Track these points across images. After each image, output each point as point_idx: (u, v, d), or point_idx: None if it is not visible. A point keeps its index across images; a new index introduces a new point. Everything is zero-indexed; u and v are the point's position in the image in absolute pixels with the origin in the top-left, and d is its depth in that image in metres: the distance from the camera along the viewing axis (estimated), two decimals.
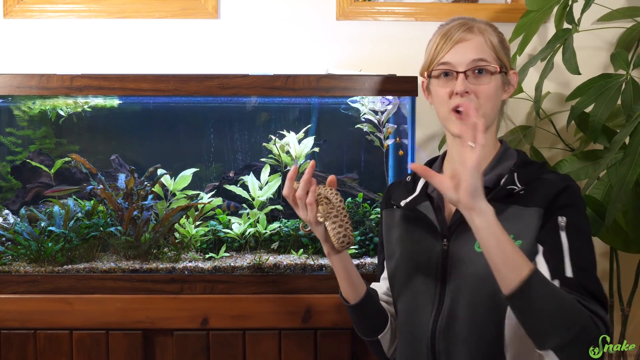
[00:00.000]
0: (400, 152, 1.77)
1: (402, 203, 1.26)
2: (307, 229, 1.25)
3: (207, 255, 1.67)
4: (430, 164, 1.31)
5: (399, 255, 1.25)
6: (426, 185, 1.26)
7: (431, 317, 1.14)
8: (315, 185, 1.17)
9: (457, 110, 1.15)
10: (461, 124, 1.11)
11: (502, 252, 0.97)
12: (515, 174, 1.14)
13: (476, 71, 1.14)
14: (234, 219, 1.73)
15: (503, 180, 1.15)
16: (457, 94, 1.14)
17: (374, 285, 1.34)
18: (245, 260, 1.64)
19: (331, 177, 1.23)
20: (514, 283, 0.96)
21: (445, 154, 1.28)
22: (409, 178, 1.32)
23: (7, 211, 1.73)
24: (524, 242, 1.09)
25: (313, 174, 1.17)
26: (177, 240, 1.67)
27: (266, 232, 1.71)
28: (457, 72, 1.14)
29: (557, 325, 0.96)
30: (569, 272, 1.05)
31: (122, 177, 1.71)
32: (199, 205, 1.72)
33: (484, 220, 0.98)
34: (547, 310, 0.96)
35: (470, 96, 1.14)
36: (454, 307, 1.12)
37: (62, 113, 1.78)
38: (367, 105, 1.75)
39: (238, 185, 1.78)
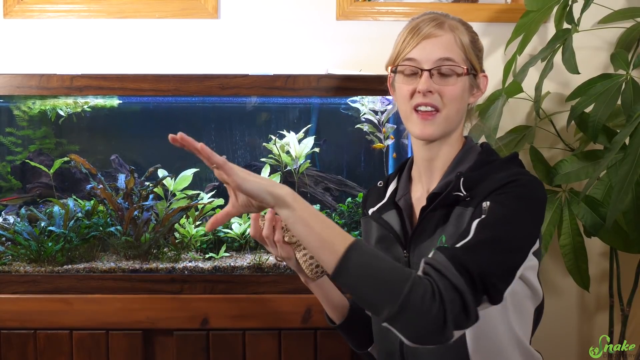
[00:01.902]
0: (394, 155, 1.77)
1: (370, 211, 1.24)
2: (280, 260, 1.22)
3: (207, 255, 1.67)
4: (403, 165, 1.27)
5: None
6: (394, 192, 1.22)
7: None
8: (280, 221, 1.13)
9: (418, 110, 1.11)
10: (422, 125, 1.10)
11: (315, 237, 0.93)
12: (462, 180, 1.09)
13: (442, 70, 1.09)
14: (233, 219, 1.73)
15: (450, 186, 1.09)
16: (420, 93, 1.09)
17: None
18: (245, 260, 1.64)
19: None
20: (332, 264, 0.93)
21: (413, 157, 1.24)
22: (380, 183, 1.28)
23: (6, 211, 1.73)
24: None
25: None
26: (177, 240, 1.67)
27: None
28: (422, 70, 1.09)
29: (382, 297, 0.91)
30: (455, 246, 0.98)
31: (122, 177, 1.71)
32: (199, 206, 1.72)
33: (285, 210, 0.94)
34: (369, 284, 0.91)
35: (434, 95, 1.09)
36: None
37: (62, 113, 1.78)
38: (367, 105, 1.75)
39: None
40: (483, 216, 1.01)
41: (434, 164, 1.17)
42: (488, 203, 1.02)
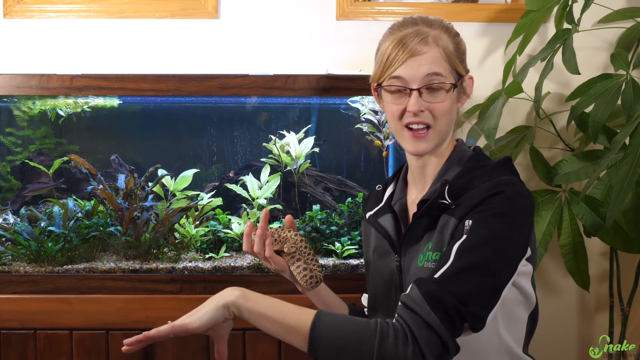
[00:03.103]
0: (384, 154, 1.78)
1: (367, 215, 1.25)
2: (274, 272, 1.23)
3: (207, 256, 1.67)
4: (400, 169, 1.27)
5: (371, 269, 1.24)
6: (391, 196, 1.23)
7: None
8: (271, 237, 1.15)
9: (410, 127, 1.10)
10: (415, 143, 1.10)
11: (278, 327, 0.99)
12: (447, 187, 1.08)
13: (429, 87, 1.08)
14: (234, 219, 1.73)
15: (435, 195, 1.09)
16: (410, 112, 1.08)
17: (363, 297, 1.34)
18: (245, 260, 1.64)
19: (288, 218, 1.21)
20: (304, 345, 0.97)
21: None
22: (379, 187, 1.29)
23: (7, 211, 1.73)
24: (442, 252, 1.05)
25: (270, 217, 1.15)
26: (177, 241, 1.67)
27: None
28: (411, 90, 1.08)
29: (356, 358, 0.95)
30: (434, 277, 0.98)
31: (122, 177, 1.71)
32: (199, 206, 1.73)
33: (244, 312, 0.99)
34: (342, 353, 0.95)
35: (425, 113, 1.08)
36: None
37: (62, 113, 1.78)
38: (367, 105, 1.75)
39: (238, 185, 1.78)
40: (464, 237, 1.00)
41: (426, 170, 1.17)
42: (470, 222, 1.01)
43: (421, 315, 0.94)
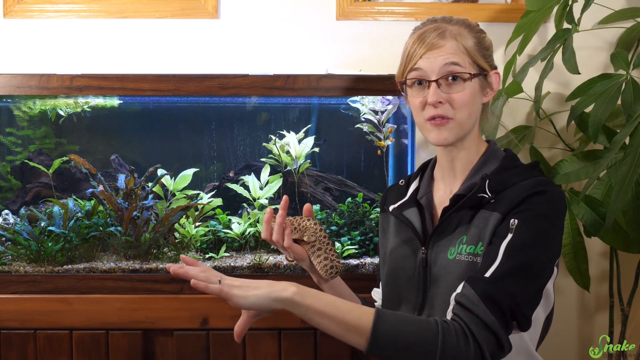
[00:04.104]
0: (379, 152, 1.78)
1: (391, 208, 1.25)
2: (291, 260, 1.24)
3: (207, 255, 1.67)
4: (425, 166, 1.29)
5: (389, 262, 1.24)
6: (416, 190, 1.24)
7: None
8: (290, 227, 1.16)
9: (433, 119, 1.12)
10: (437, 132, 1.11)
11: (337, 325, 0.98)
12: (487, 181, 1.11)
13: (450, 78, 1.10)
14: (234, 219, 1.73)
15: (475, 188, 1.11)
16: (430, 105, 1.11)
17: (374, 292, 1.34)
18: (245, 260, 1.64)
19: (307, 207, 1.22)
20: (363, 344, 0.97)
21: (436, 158, 1.26)
22: (402, 182, 1.30)
23: (6, 211, 1.73)
24: (484, 245, 1.07)
25: (287, 210, 1.16)
26: (177, 240, 1.67)
27: None
28: (429, 81, 1.10)
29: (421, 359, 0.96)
30: (485, 276, 1.01)
31: (122, 177, 1.71)
32: (198, 205, 1.72)
33: (297, 309, 0.99)
34: (404, 353, 0.96)
35: (445, 106, 1.11)
36: (431, 317, 1.09)
37: (62, 113, 1.78)
38: (367, 105, 1.75)
39: (239, 185, 1.78)
40: (510, 236, 1.03)
41: (456, 165, 1.19)
42: (515, 221, 1.04)
43: (479, 315, 0.97)
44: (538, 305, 1.05)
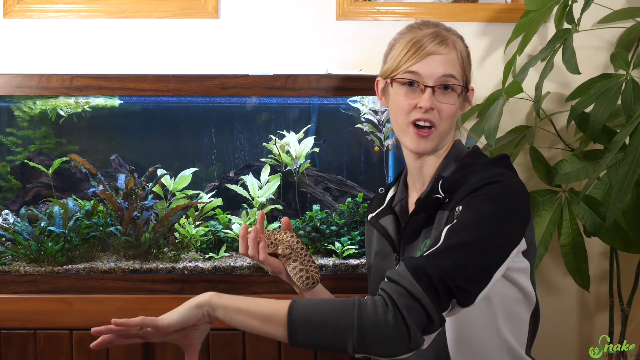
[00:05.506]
0: (376, 149, 1.78)
1: (369, 217, 1.27)
2: (271, 273, 1.24)
3: (207, 255, 1.67)
4: (400, 174, 1.29)
5: (372, 271, 1.26)
6: (392, 198, 1.25)
7: None
8: (264, 241, 1.17)
9: (416, 125, 1.11)
10: (417, 141, 1.11)
11: (255, 319, 0.97)
12: (440, 182, 1.10)
13: (442, 87, 1.10)
14: (234, 219, 1.73)
15: (428, 189, 1.12)
16: (422, 109, 1.10)
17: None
18: (245, 260, 1.64)
19: (284, 220, 1.22)
20: (283, 332, 0.96)
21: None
22: (381, 189, 1.30)
23: (6, 211, 1.73)
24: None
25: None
26: (177, 240, 1.67)
27: None
28: (426, 86, 1.10)
29: (340, 332, 0.93)
30: (423, 256, 0.99)
31: (122, 177, 1.71)
32: (198, 205, 1.72)
33: (218, 311, 0.99)
34: (323, 330, 0.94)
35: (433, 112, 1.10)
36: None
37: (62, 113, 1.78)
38: (367, 105, 1.75)
39: (238, 185, 1.78)
40: (455, 221, 1.01)
41: (424, 170, 1.18)
42: (460, 208, 1.02)
43: (403, 285, 0.93)
44: (485, 286, 0.97)
